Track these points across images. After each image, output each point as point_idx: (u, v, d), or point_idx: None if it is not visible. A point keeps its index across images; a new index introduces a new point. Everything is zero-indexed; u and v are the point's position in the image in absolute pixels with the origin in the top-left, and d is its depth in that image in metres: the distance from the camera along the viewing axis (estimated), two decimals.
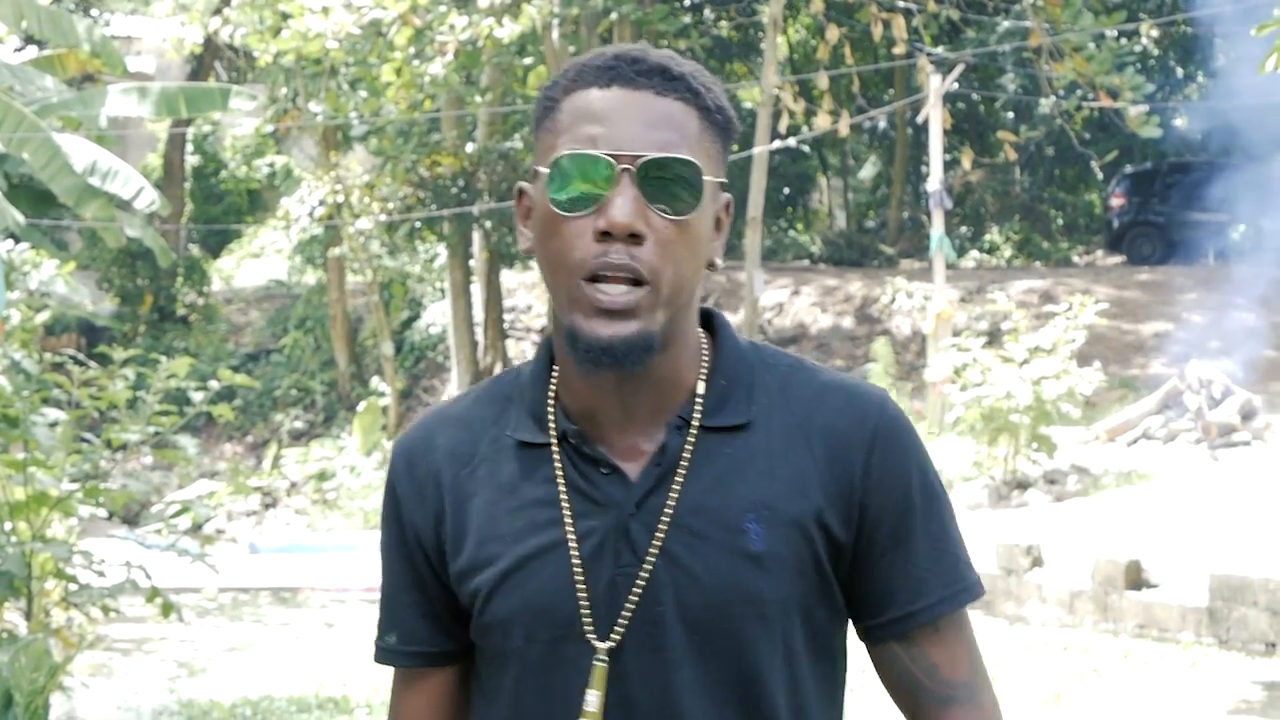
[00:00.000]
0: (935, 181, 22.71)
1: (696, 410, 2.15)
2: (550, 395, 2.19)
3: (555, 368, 2.20)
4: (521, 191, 2.19)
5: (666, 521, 2.11)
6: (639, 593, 2.10)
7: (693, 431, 2.14)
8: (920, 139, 31.04)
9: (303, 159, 35.90)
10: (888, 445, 2.17)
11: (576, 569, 2.11)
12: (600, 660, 2.10)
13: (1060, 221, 36.46)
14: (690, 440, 2.14)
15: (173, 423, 10.15)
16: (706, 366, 2.18)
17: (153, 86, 16.61)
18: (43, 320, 17.62)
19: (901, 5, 23.46)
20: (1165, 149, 33.76)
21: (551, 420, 2.17)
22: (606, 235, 2.05)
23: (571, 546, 2.12)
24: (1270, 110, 26.57)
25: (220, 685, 12.05)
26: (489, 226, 27.01)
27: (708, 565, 2.10)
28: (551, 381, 2.20)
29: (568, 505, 2.14)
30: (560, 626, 2.12)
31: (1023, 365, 18.77)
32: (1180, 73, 34.97)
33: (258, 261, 36.87)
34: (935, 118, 22.55)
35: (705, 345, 2.21)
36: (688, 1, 33.38)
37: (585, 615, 2.11)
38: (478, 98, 26.83)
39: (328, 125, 27.63)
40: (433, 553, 2.21)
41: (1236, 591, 12.63)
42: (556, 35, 24.91)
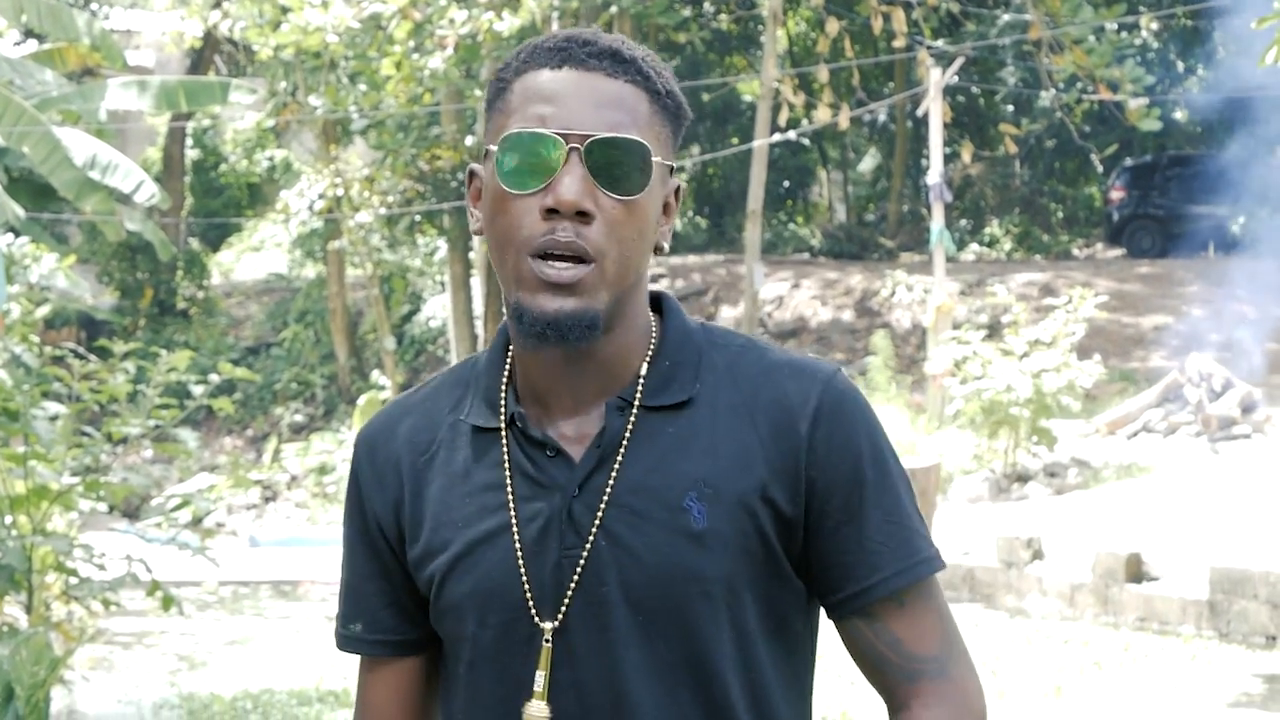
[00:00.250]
0: (935, 175, 22.70)
1: (638, 390, 2.16)
2: (504, 380, 2.20)
3: (510, 353, 2.22)
4: (473, 173, 2.20)
5: (606, 501, 2.11)
6: (580, 572, 2.11)
7: (634, 412, 2.15)
8: (920, 132, 31.05)
9: (302, 153, 35.89)
10: (835, 418, 2.15)
11: (519, 551, 2.13)
12: (546, 641, 2.12)
13: (1060, 214, 36.46)
14: (631, 420, 2.15)
15: (173, 416, 10.15)
16: (653, 348, 2.19)
17: (152, 80, 16.61)
18: (43, 314, 17.61)
19: None
20: (1165, 142, 33.77)
21: (503, 404, 2.19)
22: (554, 213, 2.06)
23: (515, 530, 2.13)
24: (1270, 103, 26.57)
25: (221, 678, 12.05)
26: None
27: (649, 544, 2.10)
28: (507, 366, 2.21)
29: (511, 489, 2.15)
30: (510, 610, 2.13)
31: (1023, 358, 18.78)
32: (1180, 66, 34.94)
33: (257, 255, 36.86)
34: (935, 111, 22.55)
35: (654, 327, 2.21)
36: None
37: (530, 597, 2.12)
38: (477, 91, 26.82)
39: (327, 119, 27.61)
40: (394, 541, 2.23)
41: (1237, 584, 12.64)
42: (556, 29, 24.88)
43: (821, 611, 2.25)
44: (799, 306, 29.84)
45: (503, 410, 2.18)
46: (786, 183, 37.88)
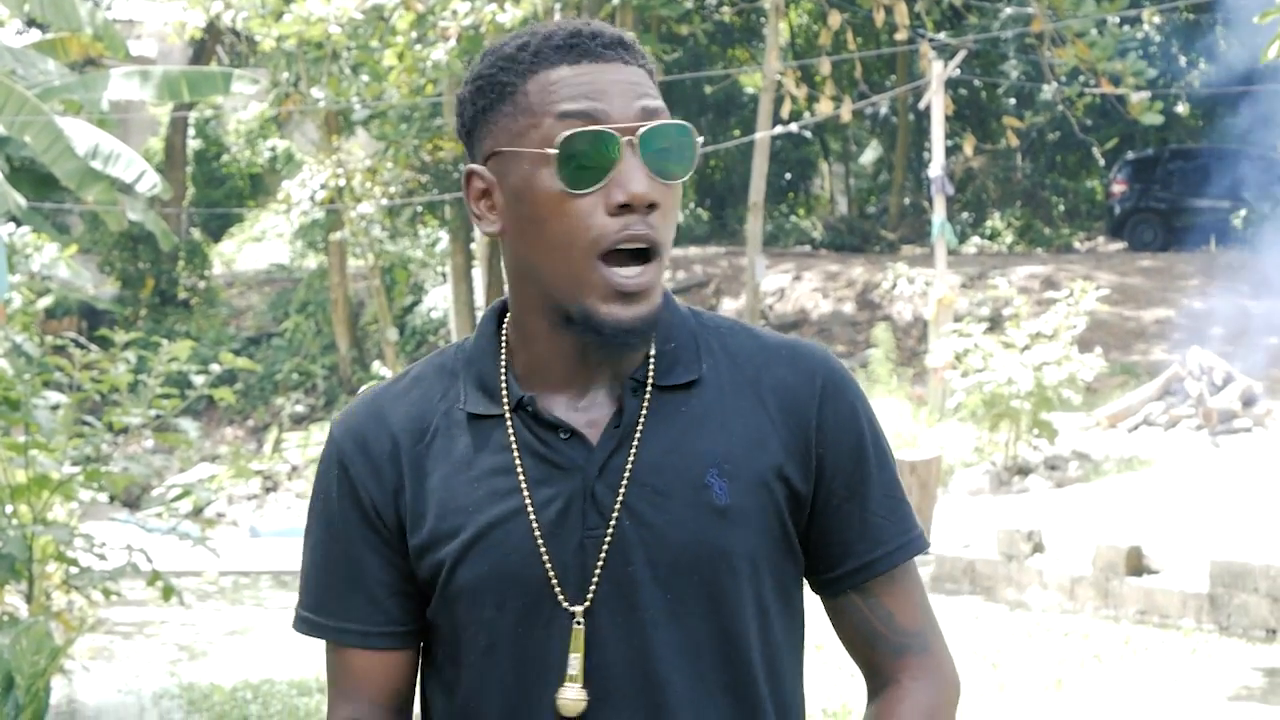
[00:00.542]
0: (937, 167, 22.69)
1: (649, 371, 2.17)
2: (503, 366, 2.20)
3: (503, 338, 2.21)
4: (472, 173, 2.21)
5: (628, 480, 2.12)
6: (606, 552, 2.11)
7: (648, 392, 2.16)
8: (922, 125, 31.03)
9: (304, 143, 35.86)
10: (838, 398, 2.20)
11: (537, 534, 2.12)
12: (576, 623, 2.11)
13: (1062, 208, 36.44)
14: (646, 401, 2.16)
15: (174, 406, 10.16)
16: (656, 331, 2.19)
17: (155, 70, 16.61)
18: (44, 304, 17.60)
19: None
20: (1167, 135, 33.75)
21: (504, 390, 2.18)
22: (624, 208, 2.07)
23: (530, 512, 2.12)
24: (1272, 96, 26.57)
25: (221, 668, 12.05)
26: None
27: (674, 521, 2.11)
28: (503, 352, 2.21)
29: (523, 472, 2.14)
30: (530, 593, 2.12)
31: (1024, 351, 18.77)
32: (1182, 59, 34.93)
33: (259, 245, 36.86)
34: (937, 104, 22.54)
35: None
36: None
37: (554, 579, 2.12)
38: None
39: (330, 110, 27.61)
40: (394, 530, 2.19)
41: (1237, 578, 12.64)
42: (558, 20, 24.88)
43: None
44: (800, 299, 29.84)
45: (504, 396, 2.17)
46: (788, 175, 37.88)
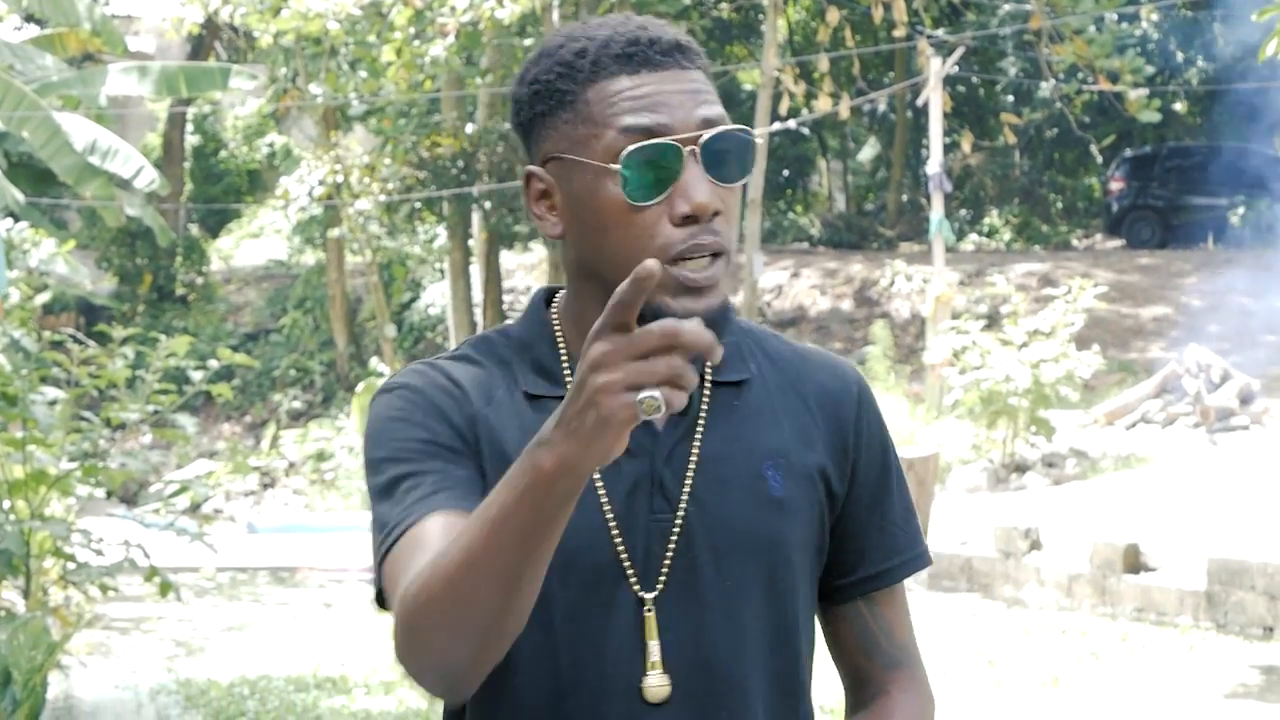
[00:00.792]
0: (935, 164, 22.70)
1: (708, 365, 2.20)
2: (560, 351, 2.21)
3: (556, 325, 2.22)
4: (531, 175, 2.19)
5: (694, 468, 2.15)
6: (676, 539, 2.14)
7: (707, 386, 2.20)
8: (920, 122, 31.02)
9: (302, 139, 35.85)
10: (869, 408, 2.29)
11: (608, 514, 2.13)
12: (647, 610, 2.12)
13: (1060, 205, 36.45)
14: (706, 393, 2.20)
15: (172, 402, 10.16)
16: None
17: (153, 66, 16.59)
18: (42, 299, 17.61)
19: None
20: (1165, 133, 33.75)
21: (567, 373, 2.19)
22: (689, 219, 2.09)
23: (600, 491, 2.13)
24: (1270, 94, 26.57)
25: (218, 664, 12.05)
26: (488, 207, 27.00)
27: (736, 511, 2.15)
28: (560, 339, 2.22)
29: None
30: (596, 571, 2.12)
31: (1022, 348, 18.78)
32: (1180, 57, 34.93)
33: (257, 241, 36.83)
34: (935, 101, 22.54)
35: None
36: None
37: (625, 561, 2.13)
38: (478, 79, 26.82)
39: (328, 105, 27.60)
40: (476, 452, 2.14)
41: (1234, 575, 12.65)
42: (557, 16, 24.88)
43: None
44: (798, 296, 29.84)
45: (567, 378, 2.18)
46: (786, 172, 37.88)
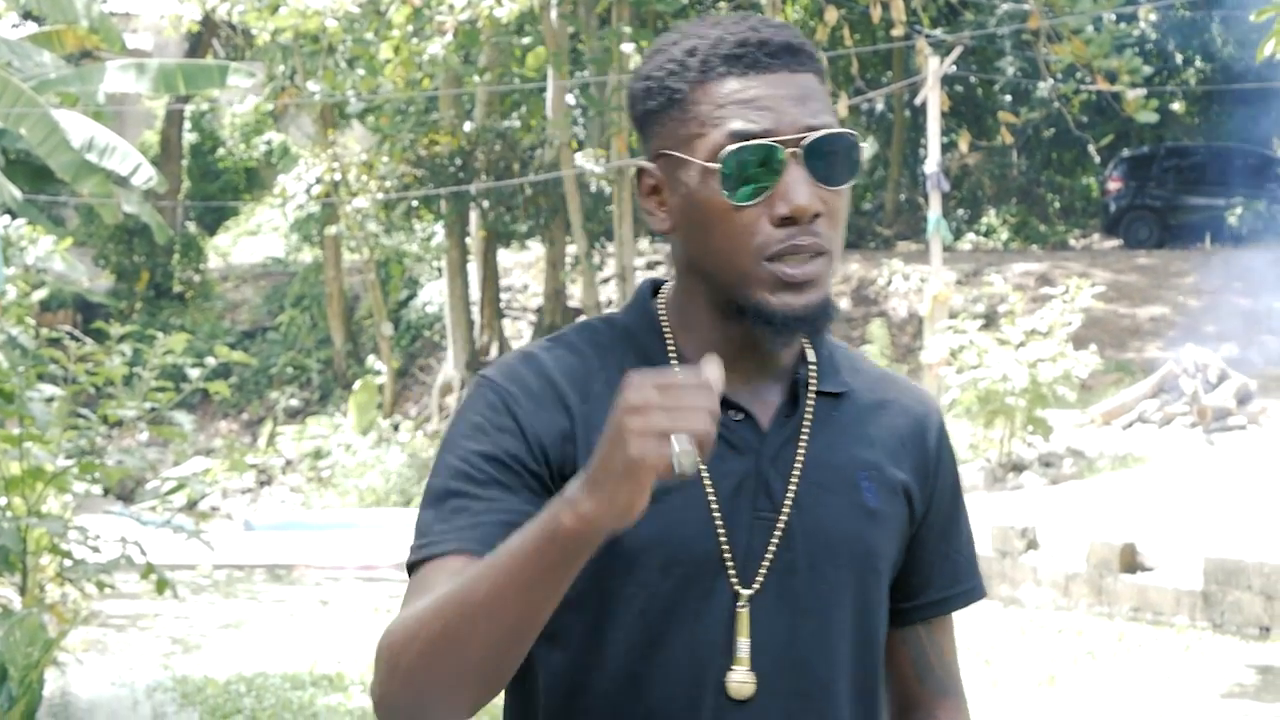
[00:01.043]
0: (933, 164, 22.68)
1: (812, 373, 2.24)
2: (667, 343, 2.22)
3: (663, 319, 2.23)
4: (642, 170, 2.21)
5: (799, 472, 2.18)
6: (777, 539, 2.15)
7: (811, 393, 2.23)
8: (918, 121, 31.01)
9: (300, 137, 35.83)
10: (947, 437, 2.34)
11: (715, 508, 2.14)
12: (741, 606, 2.13)
13: (1057, 205, 36.45)
14: (810, 400, 2.22)
15: (169, 399, 10.15)
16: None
17: (151, 63, 16.61)
18: (39, 296, 17.58)
19: None
20: (1163, 133, 33.76)
21: (674, 362, 2.20)
22: (787, 220, 2.11)
23: (707, 485, 2.14)
24: (1268, 94, 26.58)
25: (215, 662, 12.06)
26: (486, 206, 26.99)
27: (834, 517, 2.18)
28: (662, 330, 2.23)
29: None
30: (697, 563, 2.13)
31: (1019, 348, 18.78)
32: (1178, 57, 34.93)
33: (254, 239, 36.80)
34: (933, 100, 22.53)
35: None
36: None
37: (727, 556, 2.13)
38: (476, 77, 26.80)
39: (325, 103, 27.58)
40: (555, 469, 2.14)
41: (1231, 575, 12.66)
42: (555, 15, 24.88)
43: None
44: None
45: (675, 369, 2.14)
46: None
